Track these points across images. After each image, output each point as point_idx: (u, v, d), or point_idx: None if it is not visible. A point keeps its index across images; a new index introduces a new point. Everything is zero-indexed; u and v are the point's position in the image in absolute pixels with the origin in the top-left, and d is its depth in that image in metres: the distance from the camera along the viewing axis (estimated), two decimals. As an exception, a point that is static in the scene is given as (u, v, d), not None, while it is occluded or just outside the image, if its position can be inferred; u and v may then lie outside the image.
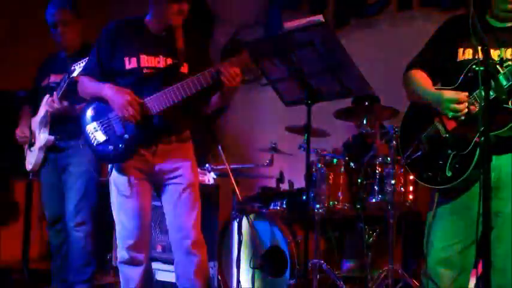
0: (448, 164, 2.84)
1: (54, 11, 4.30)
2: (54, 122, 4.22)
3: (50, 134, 4.24)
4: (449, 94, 2.85)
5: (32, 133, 4.34)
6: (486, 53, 2.50)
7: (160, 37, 3.40)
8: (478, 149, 2.76)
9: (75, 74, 3.90)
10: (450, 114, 2.85)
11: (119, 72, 3.35)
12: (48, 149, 4.28)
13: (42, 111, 4.26)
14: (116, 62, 3.36)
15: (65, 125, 4.18)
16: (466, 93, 2.83)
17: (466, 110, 2.82)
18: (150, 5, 3.40)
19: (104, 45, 3.40)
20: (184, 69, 3.37)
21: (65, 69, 4.10)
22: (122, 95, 3.25)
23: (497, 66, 2.73)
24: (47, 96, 4.21)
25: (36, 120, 4.32)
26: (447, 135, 2.89)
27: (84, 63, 3.81)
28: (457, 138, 2.85)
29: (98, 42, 3.44)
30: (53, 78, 4.30)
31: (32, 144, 4.33)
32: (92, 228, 4.25)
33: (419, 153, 2.97)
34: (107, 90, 3.30)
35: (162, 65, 3.36)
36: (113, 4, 6.98)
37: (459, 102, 2.82)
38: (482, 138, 2.52)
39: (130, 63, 3.34)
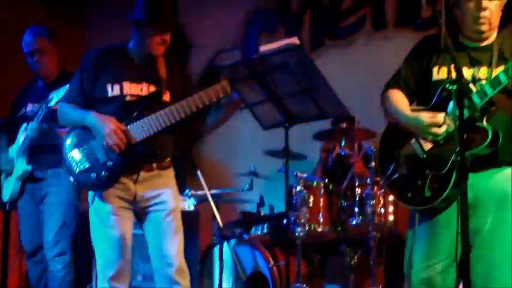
0: (426, 184, 2.84)
1: (31, 39, 4.29)
2: (31, 152, 4.19)
3: (27, 163, 4.20)
4: (427, 119, 2.85)
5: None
6: (458, 72, 2.52)
7: (143, 65, 3.41)
8: (455, 167, 2.77)
9: (52, 103, 3.88)
10: (430, 137, 2.86)
11: (101, 99, 3.34)
12: (25, 178, 4.23)
13: (19, 140, 4.23)
14: (98, 89, 3.35)
15: (43, 154, 4.15)
16: (443, 115, 2.84)
17: (445, 133, 2.83)
18: (133, 34, 3.41)
19: (86, 72, 3.39)
20: (167, 97, 3.38)
21: (42, 98, 4.08)
22: (106, 123, 3.24)
23: (470, 84, 2.76)
24: (24, 125, 4.18)
25: (13, 150, 4.28)
26: (424, 156, 2.90)
27: (62, 91, 3.80)
28: (434, 158, 2.85)
29: (80, 69, 3.43)
30: (30, 107, 4.28)
31: (9, 174, 4.28)
32: (71, 258, 4.19)
33: (397, 174, 2.97)
34: (91, 118, 3.29)
35: (145, 92, 3.36)
36: (91, 32, 6.97)
37: (438, 125, 2.83)
38: (459, 158, 2.54)
39: (113, 91, 3.33)
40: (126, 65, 3.39)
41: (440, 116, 2.84)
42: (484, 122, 2.73)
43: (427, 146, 2.90)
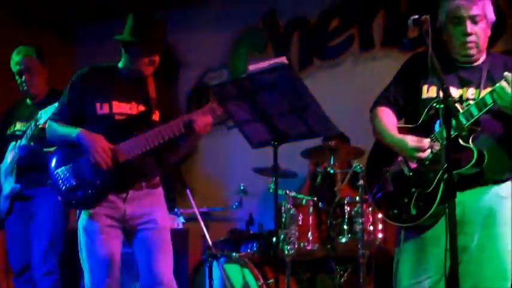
0: (412, 202, 2.87)
1: (19, 59, 4.31)
2: (20, 170, 4.18)
3: (15, 182, 4.19)
4: (412, 142, 2.87)
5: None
6: (445, 92, 2.54)
7: (133, 84, 3.42)
8: (441, 185, 2.79)
9: (41, 122, 3.89)
10: (415, 161, 2.88)
11: (90, 118, 3.35)
12: (14, 197, 4.22)
13: (7, 159, 4.22)
14: (87, 107, 3.36)
15: (31, 173, 4.14)
16: (428, 140, 2.86)
17: (430, 155, 2.85)
18: (123, 54, 3.43)
19: (75, 90, 3.40)
20: (156, 116, 3.39)
21: (31, 117, 4.09)
22: (94, 140, 3.25)
23: (457, 104, 2.78)
24: (13, 143, 4.17)
25: (1, 169, 4.27)
26: (410, 174, 2.92)
27: (51, 110, 3.81)
28: (420, 177, 2.88)
29: (69, 87, 3.44)
30: (19, 126, 4.28)
31: (-3, 193, 4.28)
32: (59, 277, 4.17)
33: (384, 192, 2.99)
34: (79, 135, 3.29)
35: (134, 111, 3.37)
36: (81, 51, 6.99)
37: (422, 150, 2.85)
38: (445, 176, 2.56)
39: (102, 109, 3.34)
40: (115, 84, 3.41)
41: (425, 141, 2.86)
42: (470, 143, 2.76)
43: (413, 164, 2.92)
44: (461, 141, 2.75)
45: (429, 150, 2.85)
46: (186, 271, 4.92)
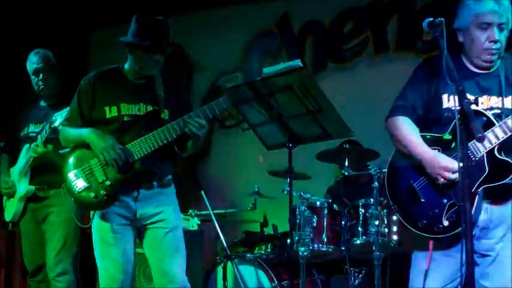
0: (444, 214, 2.79)
1: (36, 58, 4.34)
2: (34, 172, 4.21)
3: (29, 184, 4.22)
4: (444, 162, 2.77)
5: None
6: (461, 94, 2.48)
7: (140, 85, 3.45)
8: (476, 198, 2.71)
9: (56, 124, 3.91)
10: (441, 181, 2.79)
11: (101, 121, 3.40)
12: (28, 199, 4.25)
13: (21, 161, 4.25)
14: (96, 111, 3.41)
15: (45, 174, 4.16)
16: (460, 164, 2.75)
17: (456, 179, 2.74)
18: (128, 56, 3.46)
19: (84, 95, 3.46)
20: (165, 115, 3.41)
21: (45, 119, 4.12)
22: (104, 138, 3.31)
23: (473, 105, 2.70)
24: (27, 145, 4.20)
25: (15, 170, 4.30)
26: (441, 186, 2.81)
27: (65, 112, 3.83)
28: (451, 189, 2.78)
29: (78, 93, 3.49)
30: (32, 128, 4.30)
31: (11, 195, 4.30)
32: (74, 278, 4.19)
33: (412, 203, 2.88)
34: (89, 134, 3.36)
35: (142, 112, 3.40)
36: (93, 52, 7.03)
37: (453, 172, 2.74)
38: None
39: (111, 112, 3.39)
40: (122, 86, 3.45)
41: (456, 163, 2.70)
42: (503, 155, 2.71)
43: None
44: (496, 154, 2.69)
45: (457, 174, 2.70)
46: (201, 272, 4.94)
